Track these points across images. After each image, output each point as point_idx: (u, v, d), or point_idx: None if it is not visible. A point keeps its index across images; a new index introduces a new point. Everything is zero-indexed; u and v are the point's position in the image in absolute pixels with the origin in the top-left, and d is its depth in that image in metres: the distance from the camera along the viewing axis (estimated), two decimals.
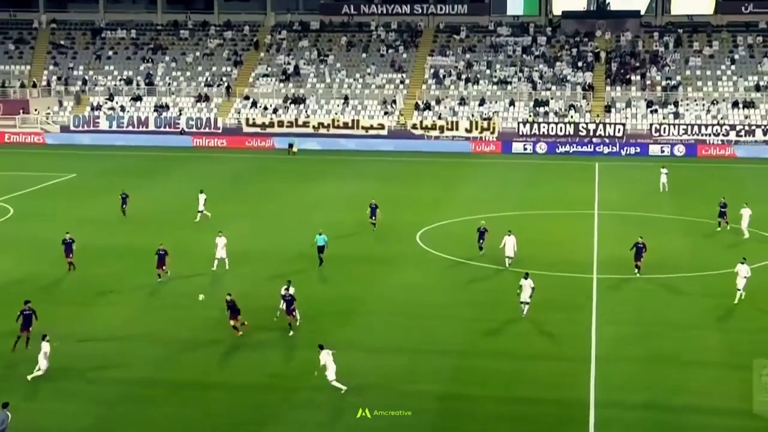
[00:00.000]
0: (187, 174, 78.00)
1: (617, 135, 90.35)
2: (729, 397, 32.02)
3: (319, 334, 37.29)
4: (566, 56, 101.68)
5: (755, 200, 59.70)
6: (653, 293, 44.04)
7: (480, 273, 47.02)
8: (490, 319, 40.33)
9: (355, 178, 76.00)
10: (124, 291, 43.76)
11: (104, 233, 55.30)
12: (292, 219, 59.83)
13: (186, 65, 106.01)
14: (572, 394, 32.36)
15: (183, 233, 55.10)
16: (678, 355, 36.04)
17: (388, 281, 45.79)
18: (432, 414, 30.74)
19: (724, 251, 51.44)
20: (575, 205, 64.63)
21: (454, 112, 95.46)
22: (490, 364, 34.95)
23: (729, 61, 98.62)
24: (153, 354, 35.67)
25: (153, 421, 30.00)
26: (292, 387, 32.77)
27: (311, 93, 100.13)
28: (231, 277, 45.58)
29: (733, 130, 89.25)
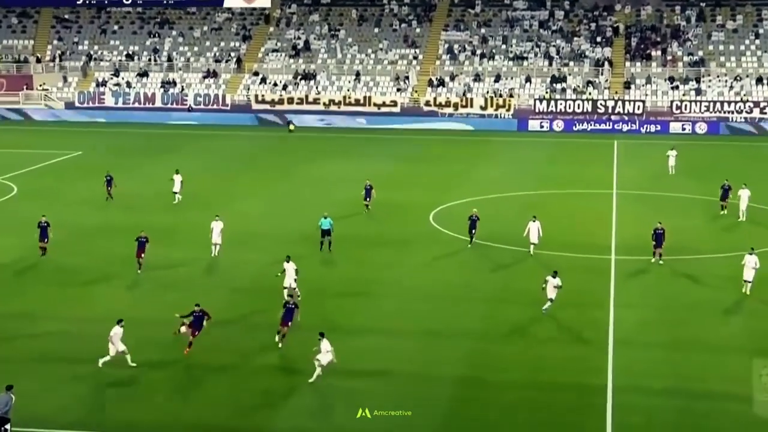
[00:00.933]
0: (193, 152, 77.87)
1: (637, 112, 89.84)
2: (753, 384, 31.82)
3: (330, 318, 37.30)
4: (584, 31, 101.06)
5: None
6: (673, 276, 43.82)
7: (496, 254, 46.84)
8: (507, 301, 40.24)
9: (366, 156, 75.78)
10: (127, 273, 43.72)
11: (109, 212, 55.29)
12: (301, 198, 59.73)
13: (194, 40, 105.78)
14: (590, 379, 32.25)
15: (184, 214, 55.06)
16: (698, 340, 35.87)
17: (401, 263, 45.64)
18: (447, 399, 30.68)
19: (748, 232, 51.16)
20: (593, 184, 64.36)
21: (469, 88, 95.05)
22: (506, 349, 34.87)
23: (753, 36, 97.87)
24: (153, 337, 35.62)
25: (155, 404, 30.01)
26: (300, 370, 32.74)
27: (322, 69, 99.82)
28: (222, 265, 44.93)
29: (757, 107, 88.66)
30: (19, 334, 35.52)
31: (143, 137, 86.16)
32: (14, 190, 61.59)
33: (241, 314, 38.12)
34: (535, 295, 40.46)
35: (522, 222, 48.10)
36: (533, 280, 41.99)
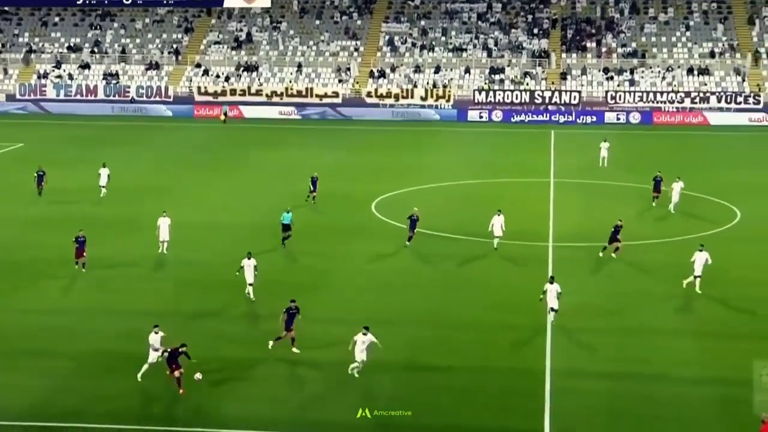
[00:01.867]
0: (141, 144, 77.17)
1: (573, 103, 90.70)
2: (687, 366, 32.44)
3: (278, 307, 37.35)
4: (522, 23, 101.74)
5: (715, 167, 60.39)
6: (609, 262, 44.37)
7: (436, 243, 47.04)
8: (450, 289, 40.48)
9: (308, 147, 75.65)
10: (66, 270, 43.34)
11: (47, 205, 54.63)
12: (247, 189, 59.53)
13: (135, 32, 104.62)
14: (530, 363, 32.64)
15: (124, 207, 54.66)
16: (634, 324, 36.40)
17: (346, 253, 45.62)
18: (392, 385, 30.88)
19: (682, 219, 52.00)
20: (531, 173, 64.90)
21: (410, 79, 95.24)
22: (449, 335, 35.08)
23: (684, 28, 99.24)
24: (105, 327, 35.36)
25: (107, 395, 29.78)
26: (255, 358, 32.78)
27: (264, 61, 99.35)
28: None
29: (688, 97, 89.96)
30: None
31: (85, 129, 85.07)
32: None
33: (197, 310, 37.96)
34: (477, 282, 40.86)
35: (462, 211, 48.43)
36: (475, 268, 42.44)
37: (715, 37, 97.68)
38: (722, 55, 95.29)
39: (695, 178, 55.59)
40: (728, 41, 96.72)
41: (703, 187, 57.48)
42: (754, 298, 39.34)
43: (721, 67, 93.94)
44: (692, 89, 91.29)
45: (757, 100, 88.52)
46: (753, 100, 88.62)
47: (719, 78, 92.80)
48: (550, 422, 28.30)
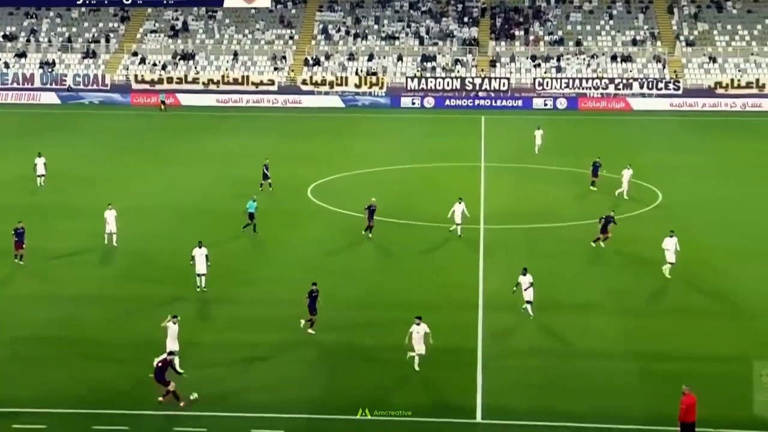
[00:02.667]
0: (78, 132, 76.24)
1: (502, 89, 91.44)
2: (611, 341, 33.15)
3: (225, 292, 37.51)
4: (452, 12, 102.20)
5: (637, 150, 61.39)
6: (538, 242, 45.08)
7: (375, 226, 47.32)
8: (384, 271, 40.82)
9: (244, 133, 75.38)
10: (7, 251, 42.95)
11: None
12: (184, 175, 59.20)
13: (71, 21, 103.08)
14: (461, 341, 33.11)
15: (67, 196, 54.14)
16: (561, 302, 37.09)
17: (283, 238, 45.70)
18: (328, 362, 31.16)
19: (605, 201, 52.78)
20: (462, 158, 65.42)
21: (344, 67, 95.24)
22: (382, 315, 35.40)
23: (608, 17, 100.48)
24: (42, 313, 35.10)
25: (42, 382, 29.68)
26: (199, 342, 32.80)
27: (200, 49, 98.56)
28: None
29: (612, 83, 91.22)
30: None
31: (21, 117, 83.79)
32: None
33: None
34: (409, 264, 41.23)
35: (395, 195, 48.65)
36: (408, 250, 42.76)
37: (637, 25, 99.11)
38: (644, 43, 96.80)
39: (619, 161, 56.38)
40: (649, 30, 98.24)
41: None
42: (672, 276, 40.25)
43: (643, 54, 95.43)
44: (616, 76, 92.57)
45: (677, 86, 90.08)
46: (673, 86, 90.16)
47: (641, 65, 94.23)
48: (482, 398, 28.79)
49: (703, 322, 35.26)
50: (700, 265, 41.53)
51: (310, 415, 27.77)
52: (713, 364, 31.34)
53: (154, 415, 27.63)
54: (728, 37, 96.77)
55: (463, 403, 28.48)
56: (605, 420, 27.56)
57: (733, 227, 47.54)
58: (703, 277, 40.40)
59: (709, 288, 39.01)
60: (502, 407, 28.29)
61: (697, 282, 39.76)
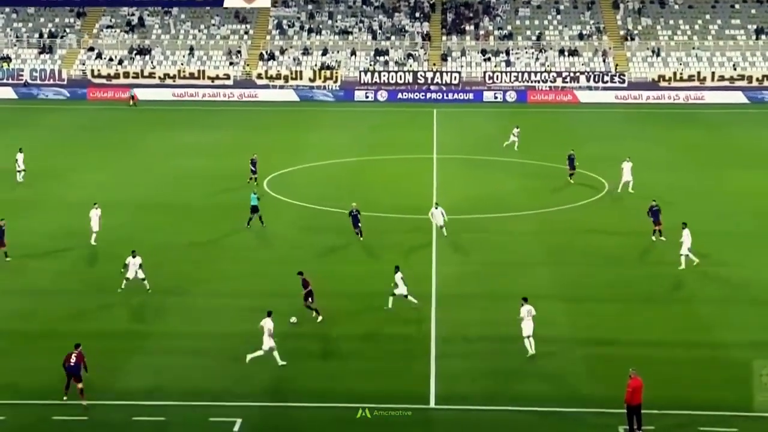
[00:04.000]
0: (36, 127, 75.23)
1: (453, 82, 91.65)
2: (559, 327, 33.40)
3: (175, 281, 37.28)
4: (404, 7, 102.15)
5: (584, 141, 61.82)
6: (490, 233, 45.26)
7: (324, 217, 47.19)
8: (338, 259, 40.77)
9: (201, 127, 74.86)
10: None
11: None
12: (142, 169, 58.70)
13: (27, 16, 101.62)
14: (415, 329, 33.19)
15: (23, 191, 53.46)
16: (511, 290, 37.13)
17: (240, 229, 45.41)
18: (286, 351, 31.06)
19: (556, 191, 53.20)
20: (415, 150, 65.48)
21: (298, 62, 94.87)
22: (336, 303, 35.26)
23: (555, 12, 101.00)
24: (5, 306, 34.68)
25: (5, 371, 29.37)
26: (146, 333, 32.59)
27: (156, 44, 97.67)
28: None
29: (560, 76, 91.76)
30: None
31: None
32: None
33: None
34: (363, 253, 41.15)
35: (349, 187, 48.52)
36: (362, 241, 42.68)
37: (583, 20, 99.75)
38: (590, 38, 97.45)
39: (566, 152, 56.76)
40: (595, 24, 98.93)
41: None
42: (621, 262, 40.67)
43: (589, 48, 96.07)
44: (563, 69, 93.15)
45: (622, 79, 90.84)
46: (618, 79, 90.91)
47: (587, 59, 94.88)
48: (435, 385, 28.88)
49: (647, 308, 35.61)
50: (644, 249, 42.03)
51: (264, 403, 27.71)
52: (658, 349, 31.66)
53: (114, 405, 27.44)
54: (670, 31, 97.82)
55: (417, 391, 28.52)
56: (554, 403, 27.81)
57: (677, 209, 47.97)
58: (647, 262, 40.89)
59: (657, 273, 39.44)
60: (454, 394, 28.40)
61: (646, 267, 40.23)
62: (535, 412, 27.45)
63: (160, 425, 26.28)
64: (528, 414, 27.40)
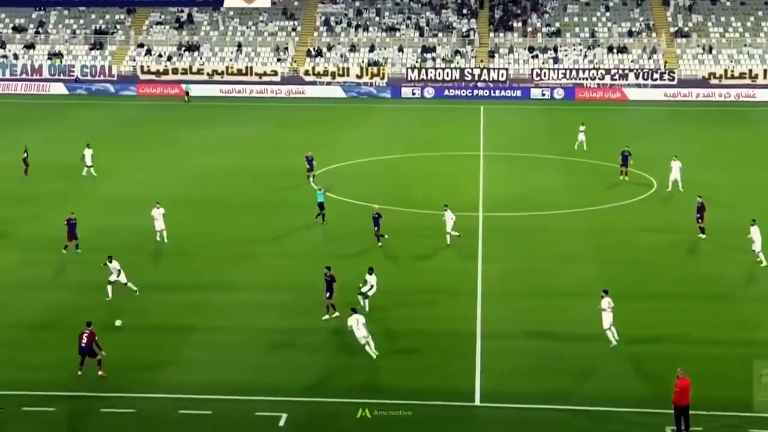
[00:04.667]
0: (82, 121, 76.04)
1: (501, 80, 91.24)
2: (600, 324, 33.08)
3: (222, 276, 37.49)
4: (452, 4, 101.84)
5: (633, 139, 61.20)
6: (536, 230, 44.98)
7: (369, 213, 47.11)
8: (379, 257, 40.68)
9: (248, 123, 75.21)
10: (11, 238, 42.93)
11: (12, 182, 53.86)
12: (189, 165, 59.08)
13: (79, 13, 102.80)
14: (460, 326, 33.05)
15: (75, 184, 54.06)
16: (558, 288, 37.06)
17: (282, 225, 45.55)
18: (322, 350, 31.11)
19: (604, 189, 52.76)
20: (462, 146, 65.27)
21: (345, 58, 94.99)
22: (380, 300, 35.22)
23: (604, 8, 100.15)
24: (39, 299, 34.97)
25: (28, 363, 29.67)
26: (192, 327, 32.82)
27: (205, 40, 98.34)
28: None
29: (608, 74, 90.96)
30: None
31: (29, 108, 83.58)
32: None
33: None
34: (410, 251, 41.09)
35: (395, 183, 48.45)
36: (409, 237, 42.62)
37: (633, 17, 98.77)
38: (639, 34, 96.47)
39: (615, 150, 56.26)
40: (645, 21, 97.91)
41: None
42: (668, 260, 40.27)
43: (638, 45, 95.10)
44: (612, 66, 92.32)
45: (671, 76, 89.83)
46: (668, 76, 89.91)
47: (636, 56, 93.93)
48: (481, 382, 28.73)
49: (695, 306, 35.20)
50: (685, 249, 41.62)
51: (309, 398, 27.75)
52: (707, 347, 31.25)
53: (161, 398, 27.69)
54: (722, 28, 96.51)
55: (463, 388, 28.40)
56: (600, 402, 27.54)
57: (731, 207, 47.36)
58: (695, 260, 40.47)
59: (705, 271, 39.01)
60: (500, 391, 28.24)
61: (691, 265, 39.79)
62: (580, 411, 27.20)
63: (206, 419, 26.43)
64: (573, 413, 27.15)
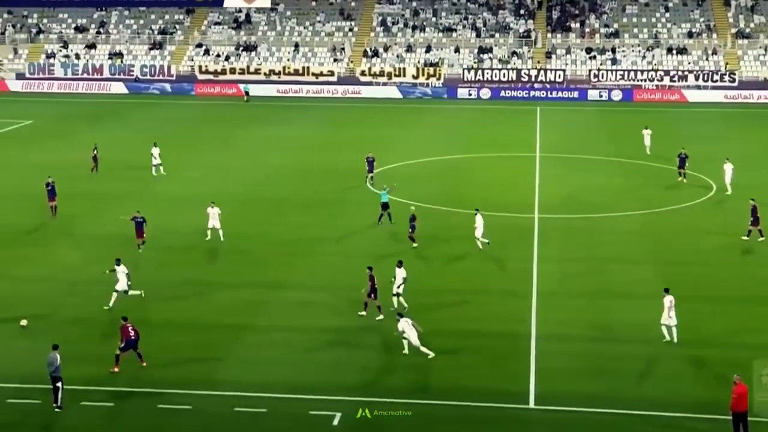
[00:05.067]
0: (142, 120, 77.01)
1: (558, 81, 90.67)
2: (661, 327, 32.70)
3: (280, 275, 37.71)
4: (509, 4, 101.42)
5: (692, 141, 60.50)
6: (592, 231, 44.65)
7: (427, 214, 47.10)
8: (434, 257, 40.65)
9: (304, 123, 75.59)
10: (75, 234, 43.47)
11: (57, 178, 54.54)
12: (247, 164, 59.55)
13: (139, 13, 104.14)
14: (515, 326, 32.89)
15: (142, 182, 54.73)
16: (614, 289, 36.74)
17: (338, 224, 45.73)
18: (377, 350, 31.12)
19: (661, 191, 52.20)
20: (518, 148, 64.98)
21: (402, 59, 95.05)
22: (432, 300, 35.20)
23: (663, 9, 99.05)
24: (105, 293, 35.41)
25: (101, 357, 29.82)
26: (248, 326, 33.06)
27: (262, 41, 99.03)
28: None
29: (667, 75, 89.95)
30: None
31: (91, 106, 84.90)
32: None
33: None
34: (465, 252, 40.98)
35: (450, 184, 48.31)
36: (463, 237, 42.51)
37: (693, 18, 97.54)
38: (699, 35, 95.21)
39: (673, 152, 55.61)
40: (705, 22, 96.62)
41: None
42: (725, 263, 39.71)
43: (698, 46, 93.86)
44: (671, 68, 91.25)
45: (732, 78, 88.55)
46: (728, 78, 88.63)
47: (696, 57, 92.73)
48: (535, 383, 28.58)
49: (752, 310, 34.67)
50: (746, 250, 41.01)
51: (363, 398, 27.75)
52: (766, 352, 30.76)
53: (216, 396, 27.93)
54: None
55: (517, 389, 28.26)
56: (658, 407, 27.20)
57: None
58: (750, 263, 39.87)
59: (759, 274, 38.43)
60: (555, 393, 28.04)
61: (747, 268, 39.23)
62: (636, 415, 26.86)
63: (260, 416, 26.60)
64: (629, 417, 26.82)
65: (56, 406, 26.38)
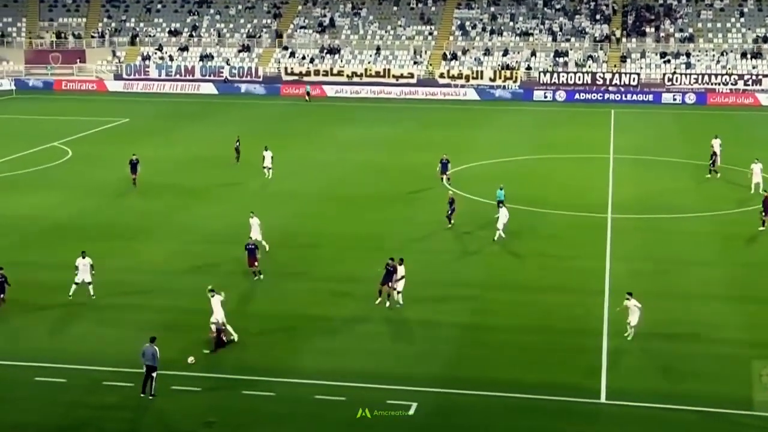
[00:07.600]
0: (233, 119, 77.87)
1: (632, 84, 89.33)
2: (732, 328, 32.08)
3: (356, 269, 37.74)
4: (585, 9, 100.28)
5: (766, 145, 59.10)
6: (664, 232, 43.94)
7: (515, 214, 46.77)
8: (508, 254, 40.36)
9: (384, 123, 75.63)
10: (166, 228, 44.19)
11: (152, 173, 55.50)
12: (328, 162, 59.82)
13: (229, 17, 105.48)
14: (587, 324, 32.53)
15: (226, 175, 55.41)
16: (686, 289, 36.11)
17: (413, 219, 45.67)
18: (454, 342, 31.02)
19: (733, 194, 51.09)
20: (592, 149, 64.21)
21: (479, 62, 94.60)
22: (510, 296, 35.00)
23: (738, 14, 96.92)
24: (192, 285, 35.89)
25: (178, 345, 30.25)
26: (326, 317, 33.22)
27: (345, 44, 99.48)
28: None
29: (741, 79, 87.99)
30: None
31: (183, 105, 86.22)
32: (69, 154, 61.90)
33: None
34: (537, 248, 40.61)
35: (525, 184, 47.96)
36: (536, 235, 42.17)
37: (767, 23, 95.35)
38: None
39: (748, 156, 54.41)
40: None
41: None
42: None
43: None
44: (745, 72, 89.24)
45: None
46: None
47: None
48: (606, 379, 28.21)
49: None
50: None
51: (439, 389, 27.71)
52: None
53: (297, 383, 28.12)
54: None
55: (588, 384, 27.93)
56: (722, 405, 26.67)
57: None
58: None
59: None
60: (625, 389, 27.64)
61: None
62: (702, 412, 26.40)
63: (340, 404, 26.68)
64: (698, 414, 26.37)
65: (150, 394, 26.69)
